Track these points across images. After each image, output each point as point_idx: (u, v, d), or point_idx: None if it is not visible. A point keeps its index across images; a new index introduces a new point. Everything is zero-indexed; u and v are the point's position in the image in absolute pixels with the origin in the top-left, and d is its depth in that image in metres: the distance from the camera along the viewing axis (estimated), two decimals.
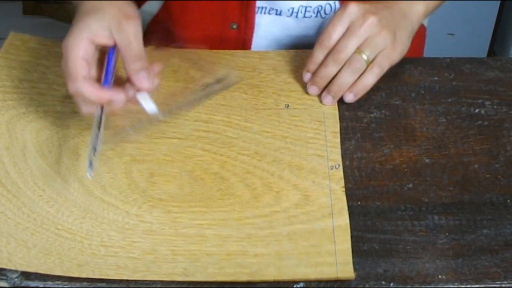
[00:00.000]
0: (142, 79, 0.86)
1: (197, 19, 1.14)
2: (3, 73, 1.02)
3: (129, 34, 0.86)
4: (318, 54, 0.98)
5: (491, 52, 2.34)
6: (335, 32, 0.96)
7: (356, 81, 0.96)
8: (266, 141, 0.94)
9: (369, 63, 0.96)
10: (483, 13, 1.14)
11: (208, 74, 0.98)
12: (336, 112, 0.97)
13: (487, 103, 1.00)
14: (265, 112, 0.98)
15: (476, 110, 0.99)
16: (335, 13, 0.98)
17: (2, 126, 0.94)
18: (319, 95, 0.99)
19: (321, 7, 1.11)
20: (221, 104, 0.98)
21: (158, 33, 1.24)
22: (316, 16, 1.12)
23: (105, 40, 0.86)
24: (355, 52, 0.96)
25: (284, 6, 1.10)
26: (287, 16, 1.12)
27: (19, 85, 1.00)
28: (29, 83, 1.01)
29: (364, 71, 0.96)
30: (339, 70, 0.96)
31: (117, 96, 0.86)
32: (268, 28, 1.13)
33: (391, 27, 0.98)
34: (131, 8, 0.88)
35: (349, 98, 0.97)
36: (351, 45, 0.96)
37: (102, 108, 0.86)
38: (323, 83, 0.97)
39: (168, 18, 1.18)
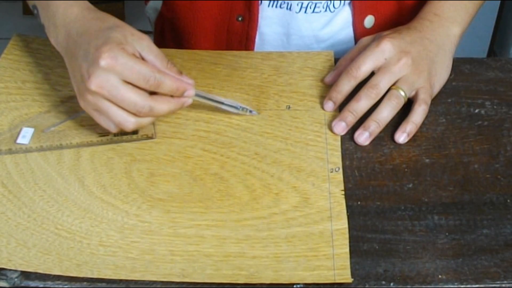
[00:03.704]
0: (187, 80, 0.90)
1: (205, 11, 1.14)
2: (7, 74, 1.02)
3: (152, 45, 0.88)
4: (344, 83, 0.97)
5: (491, 52, 2.34)
6: (365, 64, 0.96)
7: (406, 120, 0.95)
8: (267, 142, 0.94)
9: (406, 98, 0.95)
10: (483, 13, 1.14)
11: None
12: (338, 114, 0.97)
13: (487, 103, 1.00)
14: (266, 113, 0.98)
15: (476, 110, 0.98)
16: (369, 46, 0.98)
17: (5, 127, 0.95)
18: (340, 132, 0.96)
19: (330, 2, 1.12)
20: None
21: (165, 28, 1.25)
22: (326, 10, 1.13)
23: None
24: (392, 88, 0.95)
25: (294, 1, 1.11)
26: (296, 12, 1.12)
27: (22, 86, 1.01)
28: (32, 84, 1.01)
29: (412, 110, 0.95)
30: (378, 106, 0.95)
31: (190, 81, 0.90)
32: (277, 22, 1.14)
33: (426, 65, 0.97)
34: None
35: (403, 138, 0.94)
36: (384, 82, 0.95)
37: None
38: (353, 119, 0.95)
39: (174, 13, 1.18)
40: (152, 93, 0.87)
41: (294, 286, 0.78)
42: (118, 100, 0.85)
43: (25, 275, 0.79)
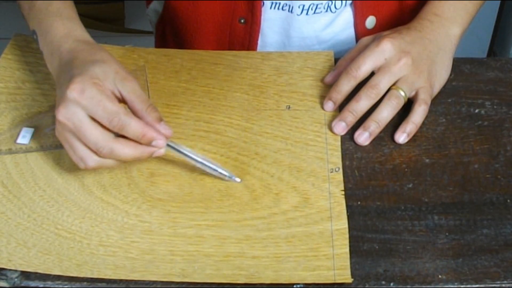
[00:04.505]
0: (163, 129, 0.85)
1: (207, 14, 1.15)
2: (7, 74, 1.02)
3: (136, 88, 0.85)
4: (343, 83, 0.97)
5: (491, 52, 2.33)
6: (365, 64, 0.96)
7: (406, 120, 0.95)
8: (267, 142, 0.94)
9: (406, 98, 0.96)
10: (483, 13, 1.14)
11: None
12: (338, 114, 0.97)
13: (487, 103, 0.99)
14: (266, 113, 0.98)
15: (476, 110, 0.98)
16: (369, 46, 0.98)
17: (5, 127, 0.95)
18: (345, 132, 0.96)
19: (331, 2, 1.12)
20: (222, 104, 0.99)
21: (166, 31, 1.25)
22: (326, 11, 1.13)
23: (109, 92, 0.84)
24: (392, 88, 0.95)
25: (296, 3, 1.11)
26: (298, 15, 1.12)
27: (22, 86, 1.01)
28: (32, 84, 1.01)
29: (412, 110, 0.95)
30: (378, 106, 0.95)
31: (166, 131, 0.85)
32: (279, 24, 1.14)
33: (426, 65, 0.98)
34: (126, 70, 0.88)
35: (403, 138, 0.94)
36: (384, 82, 0.95)
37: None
38: (353, 119, 0.95)
39: (175, 15, 1.18)
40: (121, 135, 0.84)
41: (294, 286, 0.78)
42: (81, 135, 0.82)
43: (25, 275, 0.79)
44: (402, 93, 0.95)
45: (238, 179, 0.89)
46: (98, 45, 0.92)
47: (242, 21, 1.13)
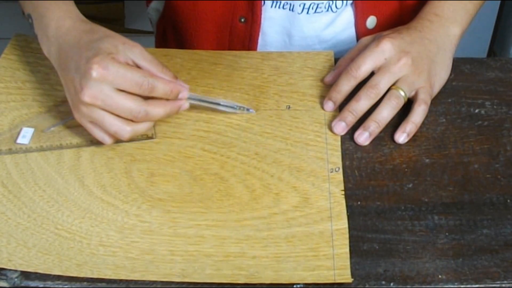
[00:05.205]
0: (181, 83, 0.91)
1: (208, 13, 1.15)
2: (7, 74, 1.03)
3: (145, 52, 0.89)
4: (343, 83, 0.97)
5: (491, 52, 2.33)
6: (365, 64, 0.96)
7: (406, 120, 0.95)
8: (267, 142, 0.94)
9: (406, 98, 0.95)
10: (483, 13, 1.14)
11: None
12: (338, 114, 0.97)
13: (487, 103, 1.00)
14: (266, 113, 0.98)
15: (476, 110, 0.98)
16: (369, 46, 0.98)
17: (4, 127, 0.95)
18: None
19: (332, 2, 1.12)
20: None
21: (167, 30, 1.25)
22: (327, 10, 1.13)
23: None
24: (392, 88, 0.95)
25: (297, 2, 1.11)
26: (298, 13, 1.12)
27: (22, 86, 1.01)
28: (32, 84, 1.01)
29: (412, 110, 0.95)
30: (378, 106, 0.94)
31: (185, 84, 0.92)
32: (280, 23, 1.14)
33: (426, 65, 0.97)
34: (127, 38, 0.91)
35: (403, 138, 0.94)
36: (384, 81, 0.95)
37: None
38: (353, 119, 0.94)
39: (176, 14, 1.19)
40: (147, 98, 0.88)
41: (294, 286, 0.78)
42: (113, 108, 0.86)
43: (25, 275, 0.79)
44: (402, 93, 0.95)
45: (253, 110, 0.98)
46: (94, 24, 0.94)
47: (243, 20, 1.13)
